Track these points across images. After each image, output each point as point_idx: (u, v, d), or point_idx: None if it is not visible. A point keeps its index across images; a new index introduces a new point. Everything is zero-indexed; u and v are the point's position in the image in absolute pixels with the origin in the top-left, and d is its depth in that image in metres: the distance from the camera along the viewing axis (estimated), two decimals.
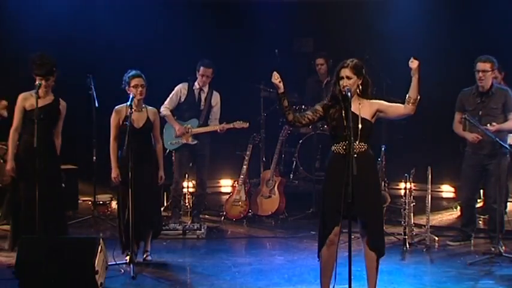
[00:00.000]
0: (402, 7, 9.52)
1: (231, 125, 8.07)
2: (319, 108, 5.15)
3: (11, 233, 6.56)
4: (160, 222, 6.90)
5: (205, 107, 8.12)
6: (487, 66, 6.86)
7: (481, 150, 6.94)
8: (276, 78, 4.96)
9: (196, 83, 8.10)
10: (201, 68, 8.02)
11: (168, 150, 7.92)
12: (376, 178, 5.27)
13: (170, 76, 8.34)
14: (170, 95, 8.07)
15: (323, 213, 5.13)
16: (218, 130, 8.06)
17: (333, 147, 5.10)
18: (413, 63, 4.99)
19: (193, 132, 8.03)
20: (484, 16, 9.27)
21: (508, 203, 8.41)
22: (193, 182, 8.49)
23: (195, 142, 8.05)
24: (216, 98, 8.16)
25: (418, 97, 5.03)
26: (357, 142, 4.96)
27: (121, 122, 6.41)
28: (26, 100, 6.40)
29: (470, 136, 6.90)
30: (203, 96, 8.12)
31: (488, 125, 6.73)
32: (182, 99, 8.09)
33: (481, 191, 7.73)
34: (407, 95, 5.07)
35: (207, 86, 8.13)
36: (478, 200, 7.89)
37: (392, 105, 5.20)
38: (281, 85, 4.98)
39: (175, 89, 8.10)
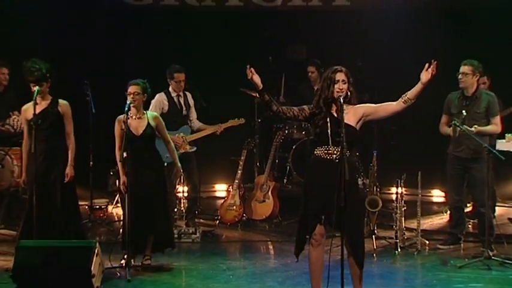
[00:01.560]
0: (394, 15, 9.57)
1: (228, 124, 8.09)
2: (306, 109, 5.22)
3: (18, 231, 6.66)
4: (165, 231, 6.66)
5: (188, 110, 8.11)
6: (466, 69, 7.00)
7: (461, 153, 7.08)
8: (251, 75, 4.96)
9: (172, 90, 8.01)
10: (176, 74, 7.96)
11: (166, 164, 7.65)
12: (355, 183, 5.36)
13: (168, 83, 8.40)
14: (151, 109, 7.58)
15: (303, 215, 5.18)
16: (218, 133, 8.09)
17: (316, 151, 5.18)
18: (427, 78, 5.02)
19: (190, 139, 8.01)
20: (476, 25, 9.36)
21: (496, 207, 8.54)
22: (187, 186, 8.54)
23: (194, 149, 8.02)
24: (190, 98, 8.18)
25: (414, 101, 5.09)
26: (337, 147, 5.01)
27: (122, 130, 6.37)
28: (26, 111, 6.48)
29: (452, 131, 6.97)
30: (182, 101, 8.10)
31: (474, 127, 6.83)
32: (165, 110, 7.89)
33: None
34: (405, 93, 5.10)
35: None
36: (468, 205, 8.00)
37: (380, 105, 5.23)
38: (259, 82, 5.01)
39: (155, 102, 7.78)
